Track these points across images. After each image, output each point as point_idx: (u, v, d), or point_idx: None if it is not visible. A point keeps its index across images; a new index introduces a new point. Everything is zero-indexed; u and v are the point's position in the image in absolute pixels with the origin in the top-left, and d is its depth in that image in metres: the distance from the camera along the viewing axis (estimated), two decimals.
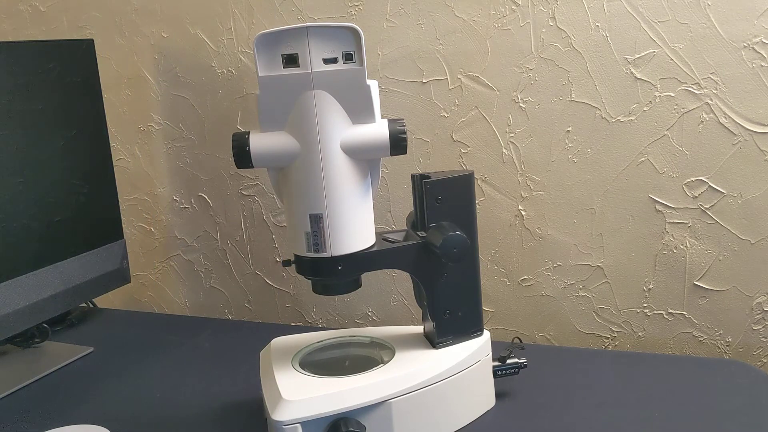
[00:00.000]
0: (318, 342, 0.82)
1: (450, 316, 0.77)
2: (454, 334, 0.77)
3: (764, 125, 0.87)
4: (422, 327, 0.82)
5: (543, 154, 0.97)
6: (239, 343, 0.95)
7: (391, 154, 0.70)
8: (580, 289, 1.00)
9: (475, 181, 0.80)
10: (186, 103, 1.17)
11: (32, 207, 0.95)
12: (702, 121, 0.89)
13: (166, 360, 0.98)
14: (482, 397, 0.78)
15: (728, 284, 0.93)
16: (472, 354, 0.76)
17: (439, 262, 0.74)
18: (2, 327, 0.91)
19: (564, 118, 0.95)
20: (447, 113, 1.01)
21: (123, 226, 1.24)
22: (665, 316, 0.97)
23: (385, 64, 1.02)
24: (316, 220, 0.69)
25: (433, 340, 0.77)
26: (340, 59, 0.67)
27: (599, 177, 0.96)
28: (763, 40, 0.85)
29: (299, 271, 0.74)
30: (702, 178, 0.91)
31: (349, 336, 0.84)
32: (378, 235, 0.76)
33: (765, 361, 0.94)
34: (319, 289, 0.76)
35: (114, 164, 1.13)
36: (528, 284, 1.03)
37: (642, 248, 0.96)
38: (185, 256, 1.25)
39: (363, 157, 0.70)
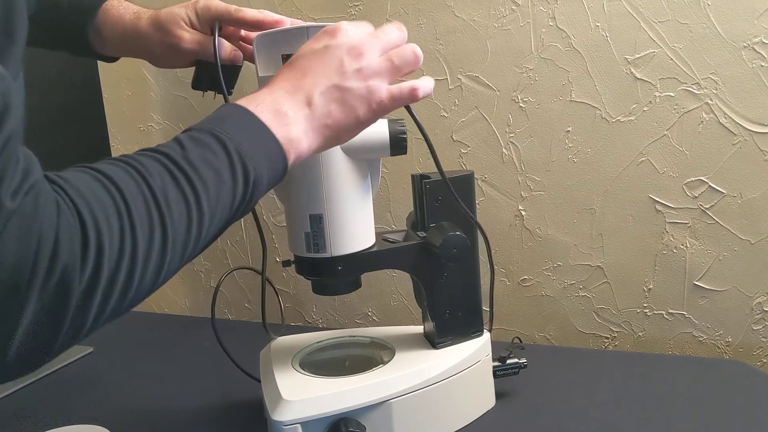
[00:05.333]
0: (318, 342, 0.82)
1: (450, 316, 0.77)
2: (454, 334, 0.77)
3: (764, 125, 0.87)
4: (422, 327, 0.82)
5: (543, 154, 0.97)
6: (239, 343, 0.95)
7: (391, 154, 0.70)
8: (580, 289, 1.00)
9: (475, 181, 0.80)
10: (186, 103, 1.17)
11: None
12: (702, 121, 0.89)
13: (166, 360, 0.98)
14: (482, 397, 0.78)
15: (728, 284, 0.93)
16: (472, 354, 0.76)
17: (439, 262, 0.74)
18: None
19: (564, 118, 0.95)
20: (447, 113, 1.01)
21: None
22: (665, 316, 0.97)
23: None
24: (316, 221, 0.69)
25: (433, 340, 0.77)
26: None
27: (599, 177, 0.96)
28: (763, 40, 0.85)
29: (299, 271, 0.74)
30: (702, 178, 0.91)
31: (349, 336, 0.84)
32: (378, 235, 0.76)
33: (765, 361, 0.94)
34: (319, 289, 0.76)
35: None
36: (528, 284, 1.03)
37: (642, 248, 0.96)
38: None
39: (363, 157, 0.70)
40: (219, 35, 0.72)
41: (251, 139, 0.50)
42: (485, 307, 0.80)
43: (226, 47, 0.74)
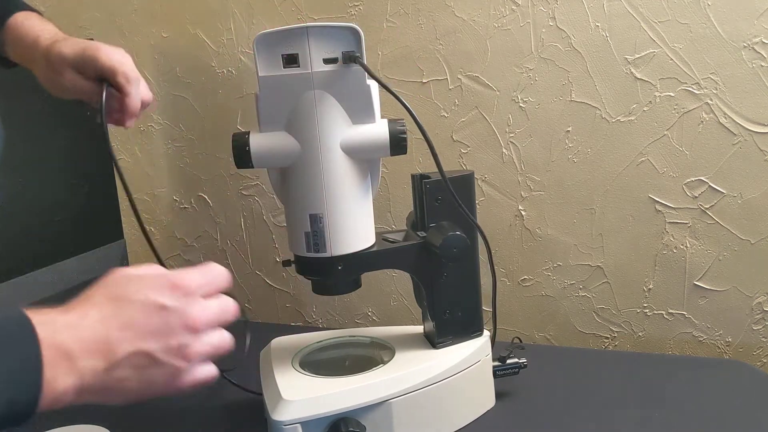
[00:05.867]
0: (318, 342, 0.82)
1: (450, 316, 0.77)
2: (454, 334, 0.77)
3: (764, 125, 0.87)
4: (422, 327, 0.82)
5: (543, 154, 0.97)
6: (239, 343, 0.95)
7: (391, 154, 0.70)
8: (580, 289, 1.00)
9: (475, 181, 0.80)
10: (186, 103, 1.17)
11: (32, 207, 0.95)
12: (702, 121, 0.89)
13: None
14: (482, 397, 0.78)
15: (728, 284, 0.93)
16: (472, 354, 0.76)
17: (439, 262, 0.74)
18: None
19: (564, 118, 0.95)
20: (447, 113, 1.01)
21: (123, 226, 1.24)
22: (665, 316, 0.97)
23: (385, 64, 1.02)
24: (316, 220, 0.69)
25: (433, 340, 0.77)
26: (340, 59, 0.67)
27: (599, 177, 0.96)
28: (763, 40, 0.85)
29: (299, 271, 0.74)
30: (702, 178, 0.91)
31: (349, 336, 0.84)
32: (378, 235, 0.76)
33: (765, 361, 0.94)
34: (319, 289, 0.76)
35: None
36: (528, 284, 1.03)
37: (642, 248, 0.96)
38: (185, 256, 1.25)
39: (363, 157, 0.70)
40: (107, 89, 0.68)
41: (10, 366, 0.41)
42: (485, 307, 0.80)
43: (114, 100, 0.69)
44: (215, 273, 0.52)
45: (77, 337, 0.44)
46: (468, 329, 0.78)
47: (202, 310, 0.49)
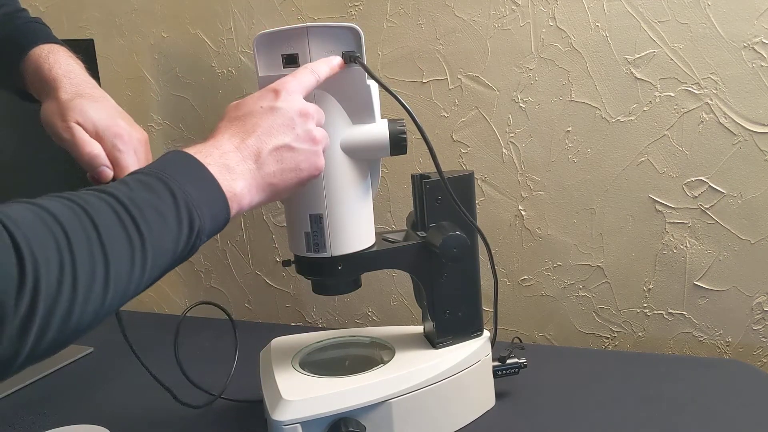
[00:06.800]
0: (318, 342, 0.82)
1: (450, 316, 0.77)
2: (454, 334, 0.77)
3: (764, 125, 0.87)
4: (422, 327, 0.82)
5: (543, 154, 0.97)
6: (240, 343, 0.95)
7: (391, 154, 0.70)
8: (580, 289, 1.00)
9: (475, 181, 0.80)
10: (186, 103, 1.17)
11: None
12: (702, 121, 0.89)
13: (166, 360, 0.98)
14: (482, 397, 0.78)
15: (728, 284, 0.93)
16: (472, 354, 0.76)
17: (439, 262, 0.74)
18: None
19: (564, 118, 0.95)
20: (447, 113, 1.01)
21: None
22: (665, 316, 0.97)
23: (385, 64, 1.02)
24: (316, 220, 0.69)
25: (433, 340, 0.77)
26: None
27: (599, 177, 0.96)
28: (763, 40, 0.85)
29: (299, 271, 0.74)
30: (702, 178, 0.91)
31: (349, 336, 0.84)
32: (378, 235, 0.76)
33: (765, 361, 0.94)
34: (319, 289, 0.76)
35: None
36: (528, 284, 1.03)
37: (642, 248, 0.96)
38: None
39: (363, 157, 0.70)
40: None
41: (199, 189, 0.50)
42: (485, 307, 0.80)
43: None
44: (307, 69, 0.62)
45: (224, 153, 0.54)
46: (468, 329, 0.78)
47: (306, 102, 0.60)
